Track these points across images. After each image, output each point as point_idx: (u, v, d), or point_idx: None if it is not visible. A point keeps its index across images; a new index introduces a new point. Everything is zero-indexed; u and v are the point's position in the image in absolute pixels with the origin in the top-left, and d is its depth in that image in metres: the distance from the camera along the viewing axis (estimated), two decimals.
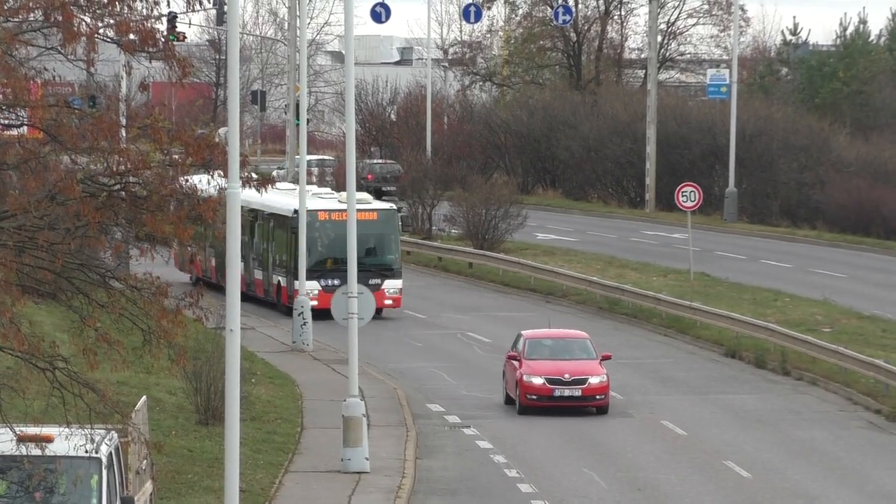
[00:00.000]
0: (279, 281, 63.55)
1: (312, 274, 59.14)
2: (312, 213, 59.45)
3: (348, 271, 51.82)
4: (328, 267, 60.95)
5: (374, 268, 60.33)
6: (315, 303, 58.96)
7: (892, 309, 71.40)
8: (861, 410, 55.76)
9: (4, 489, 35.10)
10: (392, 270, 61.06)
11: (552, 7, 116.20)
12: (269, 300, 66.97)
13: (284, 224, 61.28)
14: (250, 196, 60.46)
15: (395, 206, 62.82)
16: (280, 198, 64.28)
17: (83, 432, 33.98)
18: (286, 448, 49.71)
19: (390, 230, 62.16)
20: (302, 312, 64.02)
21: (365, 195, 62.27)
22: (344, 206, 55.85)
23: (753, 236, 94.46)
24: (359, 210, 51.81)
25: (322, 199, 63.68)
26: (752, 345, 64.65)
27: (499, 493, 47.04)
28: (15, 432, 34.46)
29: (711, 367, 63.99)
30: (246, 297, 59.69)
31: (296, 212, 59.53)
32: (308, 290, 57.77)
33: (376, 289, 58.69)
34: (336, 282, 58.61)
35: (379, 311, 57.25)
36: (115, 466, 35.19)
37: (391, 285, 60.59)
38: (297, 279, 58.98)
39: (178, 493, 42.22)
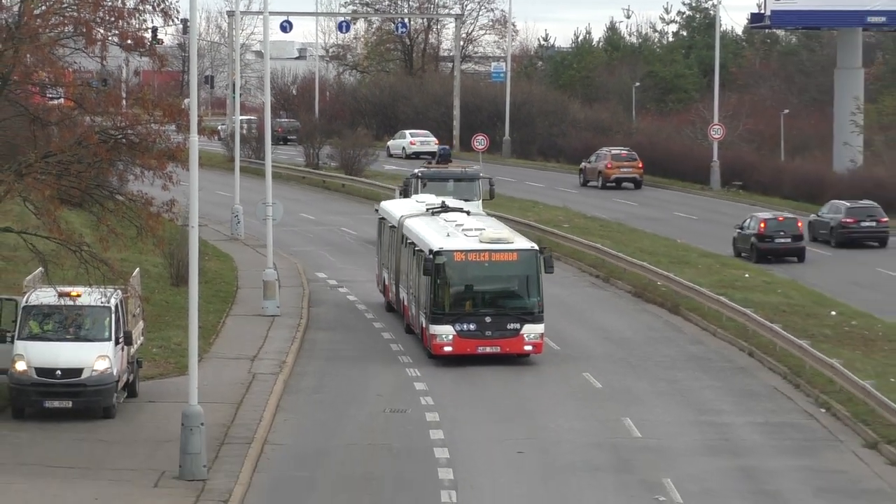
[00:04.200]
0: (423, 322, 42.18)
1: (448, 318, 40.34)
2: (449, 254, 40.64)
3: (266, 182, 50.43)
4: (465, 311, 40.40)
5: (513, 311, 40.36)
6: (450, 348, 40.39)
7: (605, 213, 71.57)
8: (587, 276, 56.03)
9: (51, 327, 35.08)
10: (532, 315, 40.32)
11: (394, 23, 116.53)
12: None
13: (427, 261, 40.79)
14: (415, 228, 44.38)
15: (537, 246, 41.94)
16: (431, 234, 43.28)
17: (100, 290, 34.34)
18: (227, 300, 49.96)
19: (531, 271, 40.75)
20: (237, 214, 63.54)
21: (506, 234, 42.79)
22: (485, 247, 40.84)
23: (520, 167, 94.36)
24: (498, 251, 40.57)
25: (465, 238, 42.20)
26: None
27: (360, 328, 47.38)
28: (56, 290, 34.55)
29: None
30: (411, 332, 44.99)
31: (431, 252, 40.78)
32: (443, 333, 40.15)
33: (514, 334, 40.21)
34: (472, 327, 40.20)
35: (520, 356, 41.01)
36: (120, 312, 35.58)
37: (531, 330, 39.99)
38: (434, 323, 40.74)
39: (160, 329, 42.40)
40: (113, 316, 35.01)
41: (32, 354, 34.40)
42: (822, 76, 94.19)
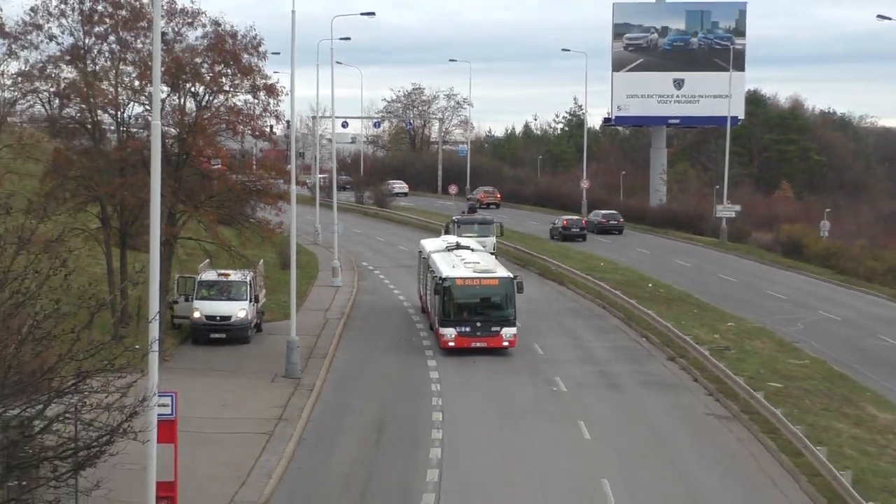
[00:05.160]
0: (435, 324, 36.02)
1: (451, 323, 34.48)
2: (452, 280, 34.65)
3: (334, 212, 50.96)
4: (464, 318, 34.48)
5: (495, 319, 34.50)
6: (452, 343, 34.37)
7: (524, 229, 70.30)
8: (512, 264, 53.93)
9: (215, 292, 35.12)
10: (508, 321, 34.48)
11: (405, 123, 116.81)
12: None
13: (438, 285, 35.13)
14: (435, 259, 38.17)
15: (512, 275, 35.57)
16: (444, 265, 36.73)
17: (241, 272, 34.54)
18: (311, 278, 49.81)
19: (508, 291, 34.59)
20: (317, 229, 63.06)
21: (492, 266, 36.64)
22: (477, 275, 35.04)
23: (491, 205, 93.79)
24: (486, 278, 34.81)
25: (465, 269, 35.84)
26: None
27: (386, 294, 47.06)
28: (216, 272, 34.78)
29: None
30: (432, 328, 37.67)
31: (441, 279, 35.00)
32: (448, 333, 34.41)
33: (496, 334, 34.37)
34: (467, 329, 34.42)
35: (498, 350, 34.61)
36: (252, 284, 35.51)
37: (507, 332, 34.41)
38: (442, 326, 34.79)
39: (274, 294, 41.71)
40: (248, 286, 35.17)
41: (203, 308, 34.64)
42: (643, 152, 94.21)
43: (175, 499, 17.06)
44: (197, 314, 34.62)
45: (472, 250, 40.57)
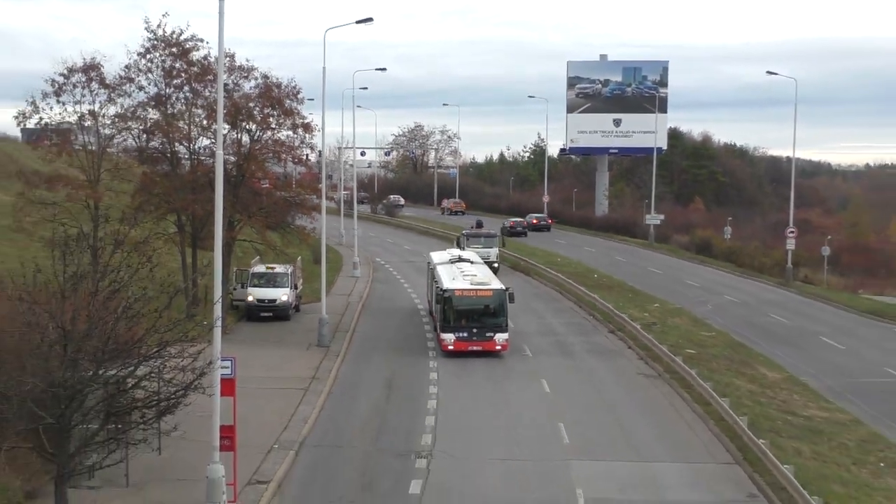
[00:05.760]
0: (437, 329, 31.19)
1: (451, 328, 29.77)
2: (451, 291, 30.03)
3: (354, 220, 50.66)
4: (461, 325, 29.64)
5: (489, 326, 29.68)
6: (452, 347, 29.64)
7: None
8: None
9: (264, 281, 34.65)
10: (501, 328, 29.73)
11: (409, 152, 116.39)
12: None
13: (439, 295, 30.68)
14: (439, 270, 33.72)
15: (504, 287, 30.66)
16: (445, 276, 32.15)
17: (283, 266, 34.37)
18: (337, 270, 49.05)
19: (501, 301, 29.95)
20: (342, 233, 62.20)
21: (488, 279, 31.67)
22: (474, 287, 30.45)
23: (481, 213, 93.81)
24: (481, 289, 30.25)
25: (463, 280, 31.08)
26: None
27: (394, 283, 46.57)
28: (265, 266, 34.66)
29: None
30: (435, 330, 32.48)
31: (442, 290, 30.55)
32: (448, 338, 29.72)
33: (490, 339, 29.73)
34: (465, 334, 29.72)
35: (492, 353, 29.83)
36: (292, 275, 35.12)
37: (500, 337, 29.66)
38: (442, 332, 30.12)
39: (309, 282, 41.00)
40: (289, 276, 34.96)
41: (255, 293, 34.43)
42: (591, 174, 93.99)
43: (234, 438, 17.17)
44: (250, 298, 34.51)
45: (472, 263, 36.04)
